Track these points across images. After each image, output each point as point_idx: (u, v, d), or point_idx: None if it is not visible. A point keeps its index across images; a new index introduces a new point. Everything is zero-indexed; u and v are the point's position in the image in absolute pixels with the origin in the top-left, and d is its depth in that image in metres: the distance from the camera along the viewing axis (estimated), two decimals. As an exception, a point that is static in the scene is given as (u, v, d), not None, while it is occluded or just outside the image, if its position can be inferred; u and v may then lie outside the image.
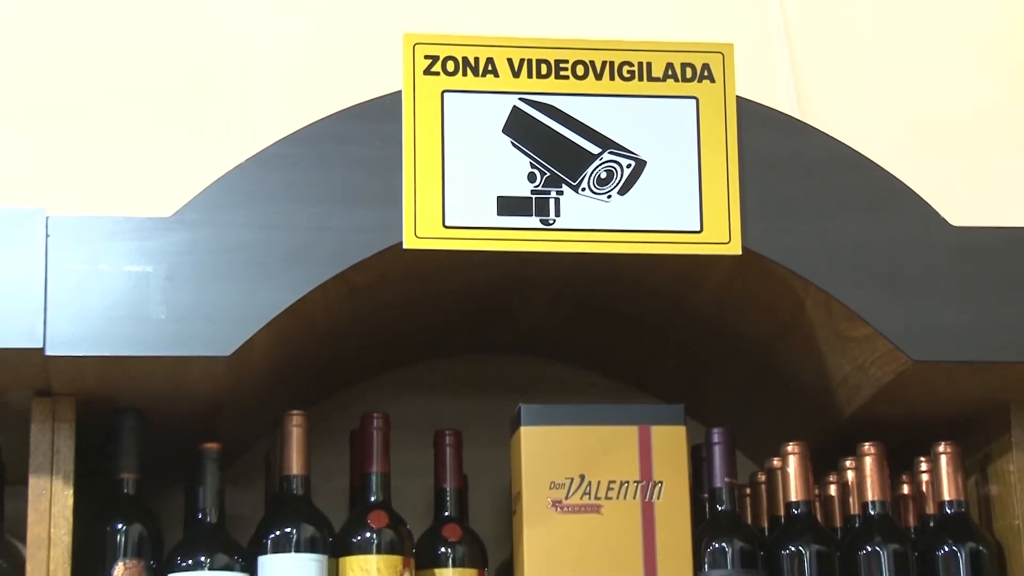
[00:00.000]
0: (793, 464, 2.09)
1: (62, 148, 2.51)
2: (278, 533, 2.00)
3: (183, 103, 2.55)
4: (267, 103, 2.56)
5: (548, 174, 1.94)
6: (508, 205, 1.93)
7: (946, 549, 2.06)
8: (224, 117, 2.55)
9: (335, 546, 2.01)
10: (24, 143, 2.49)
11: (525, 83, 1.97)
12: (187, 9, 2.61)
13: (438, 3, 2.59)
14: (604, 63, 1.98)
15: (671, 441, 2.04)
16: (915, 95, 2.71)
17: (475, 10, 2.58)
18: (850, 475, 2.16)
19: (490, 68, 1.96)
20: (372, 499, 2.05)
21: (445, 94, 1.95)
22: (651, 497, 2.02)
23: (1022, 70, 2.76)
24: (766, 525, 2.18)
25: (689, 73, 1.99)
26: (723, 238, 1.94)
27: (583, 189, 1.95)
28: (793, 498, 2.09)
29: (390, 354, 2.36)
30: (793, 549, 2.04)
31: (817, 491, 2.16)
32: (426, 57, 1.95)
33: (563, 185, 1.94)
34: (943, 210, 1.99)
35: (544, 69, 1.97)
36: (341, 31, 2.61)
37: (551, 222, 1.93)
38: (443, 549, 2.07)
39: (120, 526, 1.96)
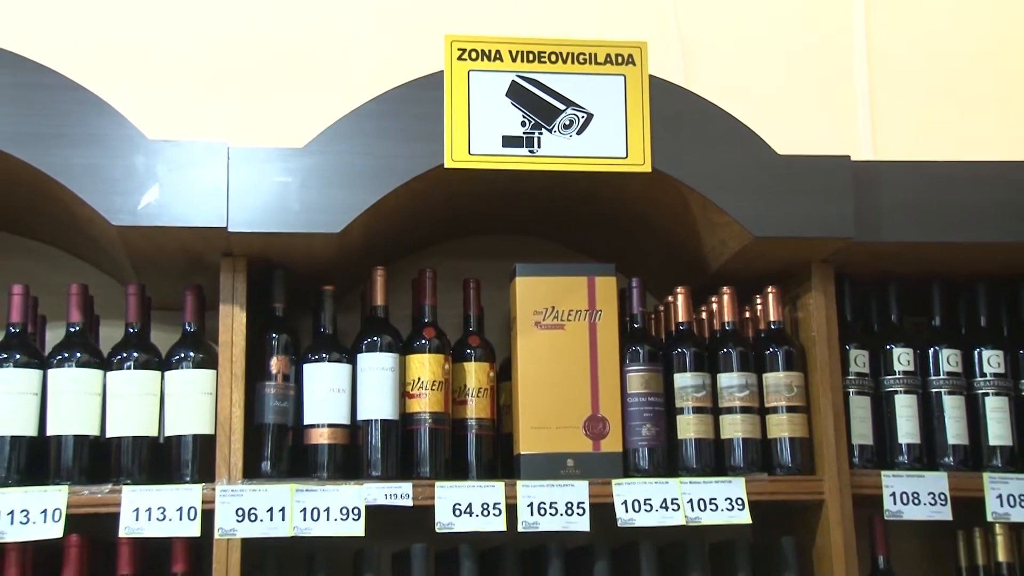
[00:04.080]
0: (681, 300, 2.18)
1: (237, 103, 2.47)
2: (369, 340, 2.07)
3: (310, 75, 2.51)
4: (362, 76, 2.48)
5: (533, 122, 1.99)
6: (509, 141, 1.99)
7: (771, 350, 2.14)
8: (335, 84, 2.48)
9: (403, 349, 2.08)
10: (213, 100, 2.47)
11: (520, 66, 2.01)
12: (310, 13, 2.57)
13: (467, 17, 2.55)
14: (568, 53, 2.02)
15: (607, 286, 2.10)
16: (759, 73, 2.66)
17: (489, 20, 2.54)
18: (715, 306, 2.23)
19: (498, 56, 2.00)
20: (425, 321, 2.11)
21: (471, 72, 1.99)
22: (594, 320, 2.09)
23: (830, 59, 2.70)
24: (664, 337, 2.24)
25: (620, 59, 2.03)
26: (640, 161, 2.00)
27: (555, 131, 1.99)
28: (680, 319, 2.17)
29: (436, 233, 2.39)
30: (680, 351, 2.12)
31: (695, 316, 2.23)
32: (459, 49, 2.00)
33: (542, 129, 1.99)
34: (773, 144, 2.05)
35: (531, 57, 2.01)
36: (407, 32, 2.56)
37: (535, 152, 1.99)
38: (468, 351, 2.13)
39: (274, 335, 2.04)
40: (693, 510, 1.99)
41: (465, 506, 1.94)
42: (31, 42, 2.07)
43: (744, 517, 1.99)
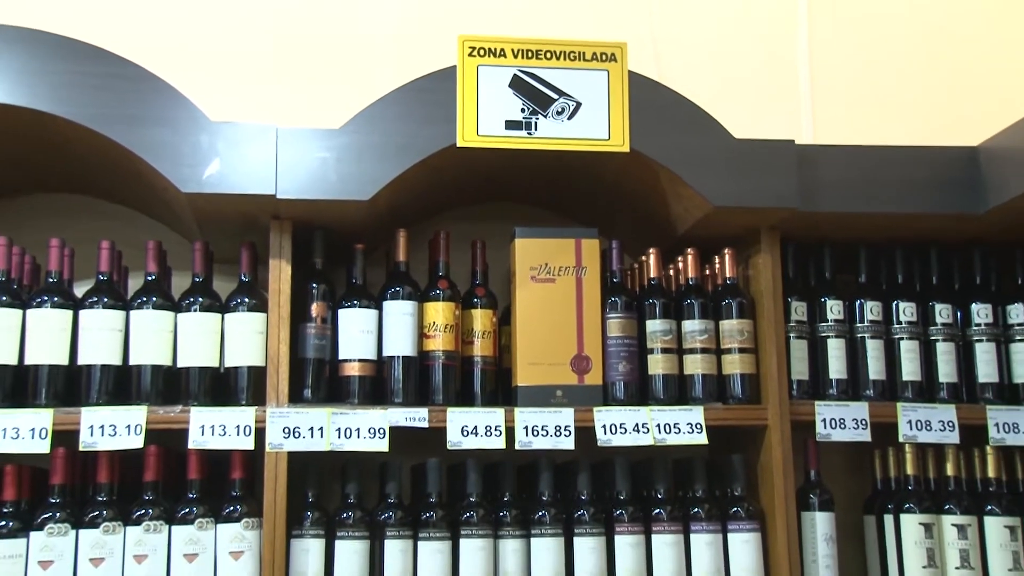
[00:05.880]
0: (652, 259, 2.23)
1: (285, 91, 2.50)
2: (392, 290, 2.11)
3: (344, 68, 2.52)
4: (385, 70, 2.51)
5: (531, 109, 2.02)
6: (510, 124, 2.01)
7: (727, 301, 2.19)
8: (363, 77, 2.51)
9: (421, 297, 2.12)
10: (264, 88, 2.50)
11: (521, 61, 2.03)
12: (344, 15, 2.58)
13: (478, 20, 2.56)
14: (561, 51, 2.05)
15: (591, 247, 2.14)
16: (720, 69, 2.68)
17: (495, 22, 2.54)
18: (680, 264, 2.27)
19: (502, 53, 2.03)
20: (440, 274, 2.16)
21: (480, 67, 2.02)
22: (580, 275, 2.12)
23: (778, 59, 2.71)
24: (638, 290, 2.27)
25: (604, 57, 2.06)
26: (620, 142, 2.03)
27: (549, 117, 2.02)
28: (652, 275, 2.22)
29: (449, 201, 2.41)
30: (651, 301, 2.17)
31: (664, 272, 2.28)
32: (469, 47, 2.03)
33: (539, 115, 2.02)
34: (730, 128, 2.08)
35: (530, 54, 2.04)
36: (426, 32, 2.57)
37: (532, 134, 2.01)
38: (475, 299, 2.17)
39: (314, 285, 2.09)
40: (660, 433, 2.04)
41: (471, 428, 1.99)
42: (115, 39, 2.11)
43: (702, 439, 2.04)
